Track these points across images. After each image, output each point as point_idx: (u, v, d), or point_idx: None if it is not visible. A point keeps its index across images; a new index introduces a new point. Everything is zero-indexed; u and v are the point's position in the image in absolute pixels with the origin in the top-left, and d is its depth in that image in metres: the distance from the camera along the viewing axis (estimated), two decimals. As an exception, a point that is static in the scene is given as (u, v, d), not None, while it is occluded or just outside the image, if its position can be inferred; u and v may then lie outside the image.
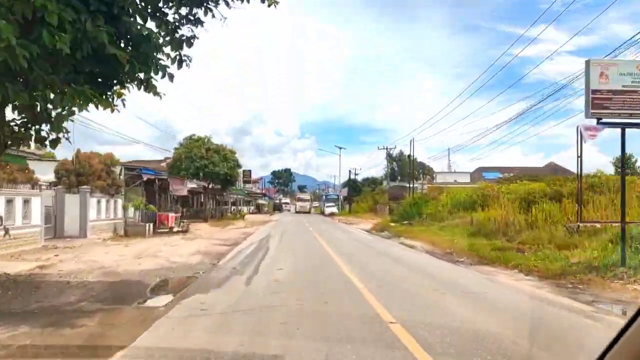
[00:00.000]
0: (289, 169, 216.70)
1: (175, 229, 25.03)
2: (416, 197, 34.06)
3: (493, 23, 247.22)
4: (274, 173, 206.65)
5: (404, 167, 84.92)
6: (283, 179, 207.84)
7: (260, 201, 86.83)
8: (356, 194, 75.95)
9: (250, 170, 54.65)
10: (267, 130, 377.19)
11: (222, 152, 41.08)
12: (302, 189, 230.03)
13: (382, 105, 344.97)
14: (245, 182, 53.13)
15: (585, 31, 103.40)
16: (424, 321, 6.07)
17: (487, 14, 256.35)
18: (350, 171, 70.84)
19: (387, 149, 63.35)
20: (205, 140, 41.45)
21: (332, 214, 66.64)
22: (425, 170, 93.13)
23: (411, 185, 37.82)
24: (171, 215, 25.31)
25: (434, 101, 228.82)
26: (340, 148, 72.84)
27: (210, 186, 42.97)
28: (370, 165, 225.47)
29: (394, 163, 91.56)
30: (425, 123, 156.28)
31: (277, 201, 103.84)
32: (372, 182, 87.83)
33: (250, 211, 75.10)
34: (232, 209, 62.40)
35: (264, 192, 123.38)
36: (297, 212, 72.98)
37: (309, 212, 73.32)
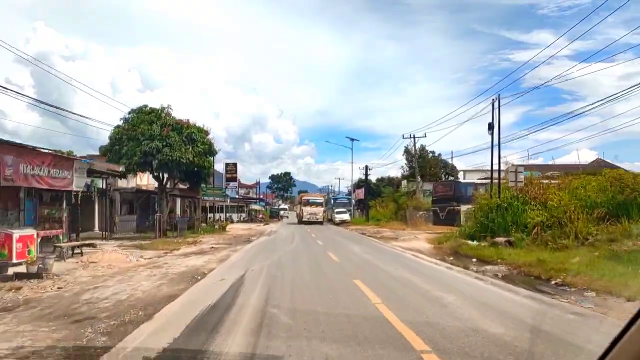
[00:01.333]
0: (289, 173, 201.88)
1: (25, 268, 10.74)
2: (507, 198, 19.70)
3: (492, 28, 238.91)
4: (272, 177, 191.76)
5: (426, 165, 70.68)
6: (282, 184, 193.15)
7: (254, 207, 72.31)
8: (371, 197, 61.44)
9: (235, 164, 39.77)
10: (265, 137, 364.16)
11: (186, 130, 26.78)
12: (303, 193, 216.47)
13: (382, 111, 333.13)
14: (229, 179, 38.75)
15: (584, 36, 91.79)
16: None
17: (487, 20, 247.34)
18: (367, 167, 56.30)
19: (413, 137, 49.09)
20: (161, 113, 27.20)
21: (343, 222, 52.38)
22: (448, 170, 79.20)
23: (493, 178, 22.90)
24: (18, 235, 10.96)
25: (434, 106, 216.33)
26: (352, 140, 58.54)
27: (166, 181, 28.64)
28: (378, 165, 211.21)
29: (413, 160, 77.32)
30: (444, 117, 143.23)
31: (275, 207, 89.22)
32: (388, 182, 73.62)
33: (242, 219, 60.79)
34: (214, 217, 48.01)
35: (260, 197, 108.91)
36: (301, 222, 50.13)
37: (321, 223, 50.15)
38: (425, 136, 49.22)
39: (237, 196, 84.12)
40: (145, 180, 39.80)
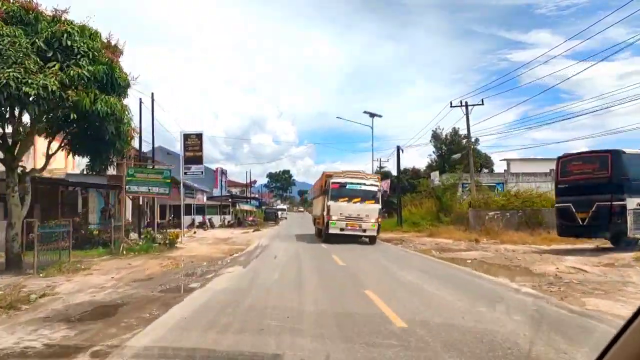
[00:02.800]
0: (288, 171, 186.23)
1: None
2: None
3: (491, 29, 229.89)
4: (270, 175, 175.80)
5: (459, 152, 55.90)
6: (281, 183, 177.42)
7: (244, 207, 57.04)
8: (394, 192, 46.04)
9: (200, 135, 23.11)
10: (265, 138, 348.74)
11: (47, 28, 11.70)
12: (303, 193, 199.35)
13: (381, 112, 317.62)
14: (190, 160, 23.03)
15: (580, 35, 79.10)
16: None
17: (485, 20, 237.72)
18: (398, 148, 40.81)
19: (466, 105, 33.92)
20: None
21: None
22: (482, 160, 64.03)
23: None
24: None
25: (433, 106, 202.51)
26: (373, 115, 43.34)
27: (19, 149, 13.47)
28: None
29: (444, 148, 62.25)
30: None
31: (271, 207, 73.81)
32: (413, 175, 58.62)
33: (225, 223, 45.78)
34: (189, 221, 32.93)
35: (255, 196, 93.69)
36: (327, 237, 22.32)
37: (373, 240, 22.50)
38: (483, 103, 34.13)
39: (225, 193, 68.92)
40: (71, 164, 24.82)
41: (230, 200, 53.18)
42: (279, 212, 57.87)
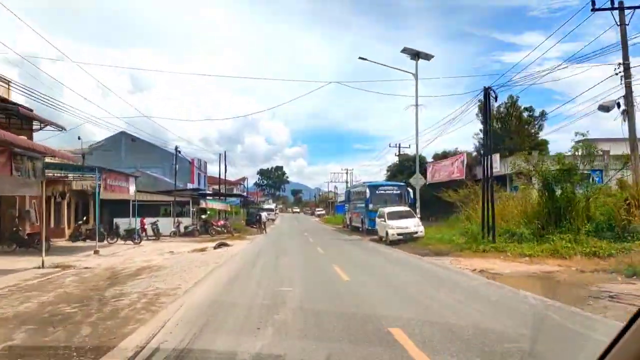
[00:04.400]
0: (281, 167, 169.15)
1: None
2: None
3: (484, 31, 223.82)
4: (261, 172, 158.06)
5: (510, 127, 40.21)
6: (273, 180, 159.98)
7: (215, 205, 40.29)
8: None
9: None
10: (258, 138, 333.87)
11: None
12: (297, 192, 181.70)
13: (374, 113, 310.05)
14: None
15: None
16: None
17: (478, 22, 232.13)
18: (486, 91, 23.97)
19: (620, 8, 17.65)
20: None
21: (410, 238, 21.62)
22: (534, 142, 48.32)
23: None
24: None
25: (427, 108, 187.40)
26: (417, 56, 26.94)
27: None
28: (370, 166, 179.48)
29: (496, 125, 45.95)
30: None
31: (254, 207, 57.15)
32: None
33: (182, 230, 29.45)
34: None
35: (243, 193, 77.16)
36: None
37: None
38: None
39: (203, 188, 52.49)
40: None
41: (194, 195, 36.58)
42: (265, 214, 40.91)
